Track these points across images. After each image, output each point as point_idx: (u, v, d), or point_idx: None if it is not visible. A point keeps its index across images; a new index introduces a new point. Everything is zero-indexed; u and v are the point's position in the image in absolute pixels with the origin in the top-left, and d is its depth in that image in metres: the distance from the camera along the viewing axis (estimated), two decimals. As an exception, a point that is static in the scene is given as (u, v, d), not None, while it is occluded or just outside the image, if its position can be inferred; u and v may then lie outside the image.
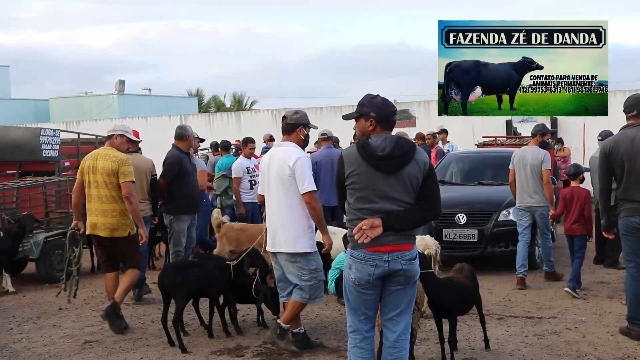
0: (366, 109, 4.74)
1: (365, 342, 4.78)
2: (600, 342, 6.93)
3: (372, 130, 4.70)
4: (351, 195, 4.67)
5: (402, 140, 4.68)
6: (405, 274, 4.65)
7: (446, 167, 12.75)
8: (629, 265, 7.10)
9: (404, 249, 4.63)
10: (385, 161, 4.56)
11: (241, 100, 50.69)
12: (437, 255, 8.15)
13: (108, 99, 42.01)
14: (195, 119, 27.79)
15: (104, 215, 7.78)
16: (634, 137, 6.92)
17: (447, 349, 6.36)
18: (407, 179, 4.59)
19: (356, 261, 4.63)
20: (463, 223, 10.49)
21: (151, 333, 7.74)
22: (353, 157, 4.66)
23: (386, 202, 4.57)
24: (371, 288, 4.66)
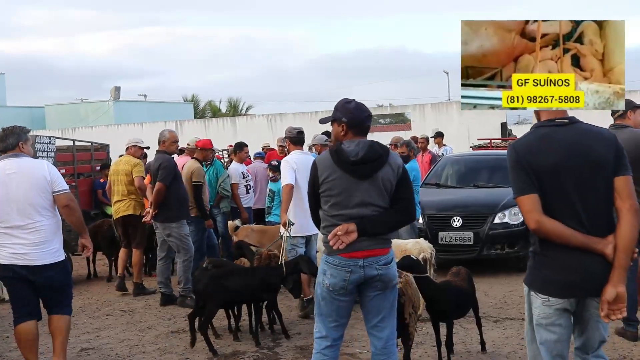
0: (339, 114, 4.70)
1: (331, 349, 4.74)
2: (597, 344, 6.92)
3: (345, 135, 4.67)
4: (326, 202, 4.64)
5: (375, 145, 4.66)
6: (382, 279, 4.62)
7: (441, 170, 12.76)
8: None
9: (379, 253, 4.60)
10: (359, 166, 4.54)
11: (237, 105, 50.82)
12: (432, 259, 8.16)
13: (104, 105, 42.06)
14: (191, 125, 27.87)
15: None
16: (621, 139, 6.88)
17: (444, 352, 6.36)
18: (381, 183, 4.56)
19: (331, 267, 4.61)
20: (459, 226, 10.50)
21: (147, 340, 7.73)
22: (327, 163, 4.63)
23: (361, 207, 4.55)
24: (345, 294, 4.63)
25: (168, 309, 9.11)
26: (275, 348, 7.17)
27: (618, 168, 3.75)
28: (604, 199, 3.74)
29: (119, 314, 9.05)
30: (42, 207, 5.84)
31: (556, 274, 3.72)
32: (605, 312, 3.63)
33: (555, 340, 3.80)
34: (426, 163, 14.17)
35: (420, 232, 10.18)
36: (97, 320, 8.77)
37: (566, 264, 3.69)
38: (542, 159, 3.77)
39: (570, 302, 3.75)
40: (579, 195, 3.71)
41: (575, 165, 3.73)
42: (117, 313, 9.09)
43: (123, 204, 10.13)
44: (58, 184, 5.94)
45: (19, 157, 5.94)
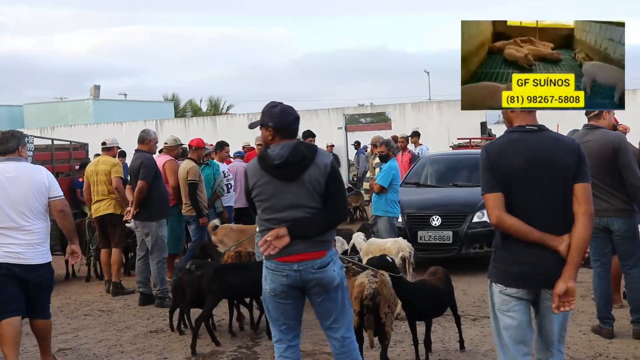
0: (266, 118, 4.70)
1: (290, 351, 4.76)
2: (573, 341, 6.98)
3: (272, 139, 4.67)
4: (258, 207, 4.66)
5: (300, 146, 4.65)
6: (319, 283, 4.60)
7: (421, 169, 12.82)
8: (595, 265, 7.18)
9: (313, 257, 4.56)
10: (283, 169, 4.54)
11: (217, 104, 50.71)
12: (410, 257, 8.19)
13: (83, 104, 41.76)
14: (171, 124, 27.76)
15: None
16: (599, 138, 6.99)
17: (422, 350, 6.40)
18: (309, 184, 4.54)
19: (269, 272, 4.63)
20: (438, 225, 10.56)
21: (126, 340, 7.70)
22: (255, 169, 4.66)
23: (292, 210, 4.54)
24: (287, 298, 4.64)
25: (147, 308, 9.08)
26: (254, 347, 7.17)
27: (578, 175, 4.07)
28: (562, 202, 4.04)
29: (97, 314, 9.01)
30: (38, 210, 6.09)
31: (513, 266, 4.06)
32: (556, 304, 3.93)
33: (516, 326, 4.09)
34: (406, 162, 14.20)
35: (399, 231, 10.21)
36: (75, 320, 8.73)
37: (522, 257, 4.03)
38: (510, 161, 4.07)
39: (526, 292, 4.07)
40: (540, 197, 4.03)
41: (539, 169, 4.05)
42: (96, 313, 9.05)
43: (104, 203, 10.12)
44: (55, 190, 6.21)
45: (18, 161, 6.17)
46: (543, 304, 4.10)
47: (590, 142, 6.92)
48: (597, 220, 6.89)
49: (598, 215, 6.85)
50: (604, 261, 7.10)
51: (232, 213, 11.83)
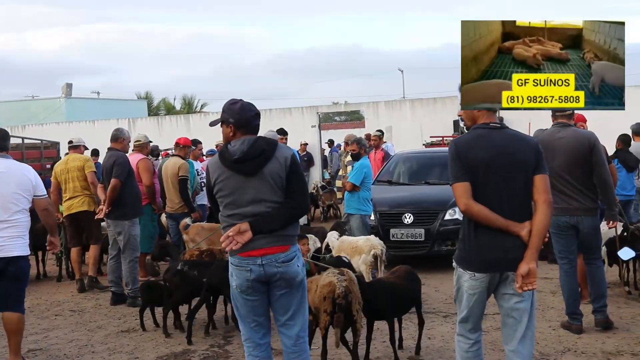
0: (226, 115, 4.74)
1: (259, 349, 4.78)
2: (542, 337, 7.06)
3: (233, 136, 4.70)
4: (221, 203, 4.69)
5: (259, 140, 4.67)
6: (283, 277, 4.63)
7: (393, 167, 12.87)
8: (561, 262, 7.29)
9: (277, 251, 4.60)
10: (242, 164, 4.58)
11: (191, 102, 50.45)
12: (382, 255, 8.23)
13: (55, 102, 41.34)
14: (144, 122, 27.59)
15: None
16: (569, 136, 7.15)
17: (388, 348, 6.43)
18: (270, 178, 4.58)
19: (234, 268, 4.66)
20: (410, 223, 10.61)
21: (97, 340, 7.65)
22: (216, 165, 4.69)
23: (254, 205, 4.58)
24: (254, 294, 4.66)
25: (118, 308, 9.03)
26: (225, 346, 7.16)
27: (537, 168, 4.49)
28: (523, 192, 4.45)
29: (69, 314, 8.94)
30: (22, 206, 6.41)
31: (480, 253, 4.45)
32: (519, 284, 4.35)
33: (479, 304, 4.58)
34: (379, 160, 14.24)
35: (372, 229, 10.25)
36: (46, 320, 8.65)
37: (490, 244, 4.41)
38: (477, 154, 4.45)
39: (492, 276, 4.47)
40: (504, 187, 4.42)
41: (503, 162, 4.43)
42: (67, 313, 8.98)
43: (77, 200, 10.12)
44: (40, 189, 6.60)
45: (8, 158, 6.53)
46: (506, 288, 4.49)
47: (564, 139, 7.06)
48: (567, 218, 7.06)
49: (569, 213, 7.03)
50: (571, 258, 7.24)
51: (205, 212, 11.80)
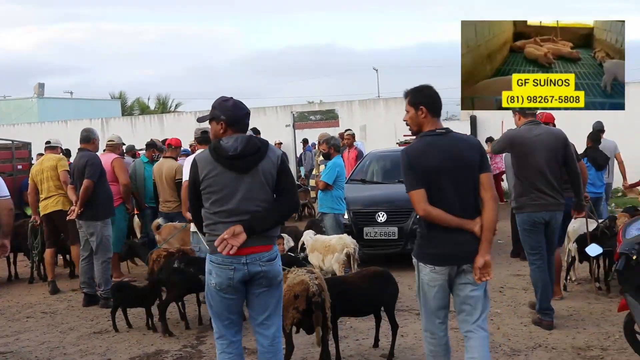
0: (217, 112, 4.74)
1: (232, 347, 4.78)
2: (514, 333, 7.13)
3: (224, 133, 4.71)
4: (207, 199, 4.65)
5: (253, 139, 4.72)
6: (266, 276, 4.67)
7: (367, 166, 12.90)
8: (533, 259, 7.37)
9: (262, 250, 4.64)
10: (238, 160, 4.59)
11: (165, 102, 50.21)
12: (355, 254, 8.26)
13: (27, 102, 40.94)
14: (118, 122, 27.40)
15: None
16: (545, 133, 7.27)
17: (361, 347, 6.45)
18: (262, 176, 4.62)
19: (215, 266, 4.64)
20: (383, 221, 10.64)
21: (69, 341, 7.60)
22: (206, 160, 4.66)
23: (243, 202, 4.59)
24: (233, 292, 4.66)
25: (91, 309, 8.97)
26: (199, 346, 7.14)
27: (482, 167, 4.79)
28: (472, 190, 4.77)
29: (40, 316, 8.87)
30: None
31: (439, 249, 4.75)
32: (478, 275, 4.69)
33: (440, 297, 4.84)
34: (352, 159, 14.25)
35: (345, 228, 10.27)
36: (17, 323, 8.57)
37: (446, 240, 4.73)
38: (428, 161, 4.72)
39: (451, 269, 4.76)
40: (454, 189, 4.71)
41: (452, 166, 4.72)
42: (38, 315, 8.90)
43: (52, 200, 10.04)
44: (3, 190, 6.50)
45: None
46: (462, 279, 4.79)
47: (542, 136, 7.20)
48: (543, 214, 7.22)
49: (545, 209, 7.20)
50: (542, 253, 7.36)
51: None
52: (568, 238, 9.00)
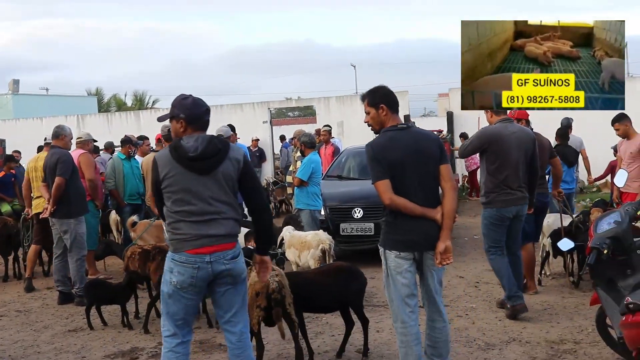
0: (176, 110, 4.71)
1: (182, 346, 4.76)
2: (489, 327, 7.18)
3: (184, 131, 4.68)
4: (168, 199, 4.64)
5: (214, 140, 4.69)
6: (231, 274, 4.67)
7: (343, 162, 12.92)
8: (496, 252, 7.57)
9: (225, 248, 4.64)
10: (198, 162, 4.57)
11: (142, 99, 49.87)
12: (331, 250, 8.27)
13: (2, 99, 40.47)
14: (94, 119, 27.16)
15: None
16: (518, 131, 7.42)
17: (337, 342, 6.46)
18: (222, 178, 4.61)
19: (178, 264, 4.61)
20: (360, 217, 10.66)
21: (43, 340, 7.54)
22: (166, 160, 4.64)
23: (203, 203, 4.58)
24: (193, 292, 4.65)
25: (65, 307, 8.92)
26: (174, 343, 7.12)
27: (441, 159, 5.13)
28: (433, 181, 5.12)
29: (14, 314, 8.79)
30: None
31: (404, 236, 5.05)
32: (439, 260, 5.03)
33: (407, 283, 5.10)
34: (329, 155, 14.24)
35: (322, 224, 10.28)
36: (-9, 321, 8.50)
37: (410, 228, 5.04)
38: (392, 154, 5.01)
39: (414, 255, 5.07)
40: (417, 180, 5.03)
41: (414, 158, 5.03)
42: (12, 314, 8.83)
43: (42, 200, 9.89)
44: None
45: None
46: (426, 263, 5.11)
47: (517, 133, 7.41)
48: (511, 209, 7.37)
49: (513, 204, 7.32)
50: (502, 246, 7.58)
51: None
52: (543, 234, 9.08)
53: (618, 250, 5.35)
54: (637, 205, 5.92)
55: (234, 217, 4.72)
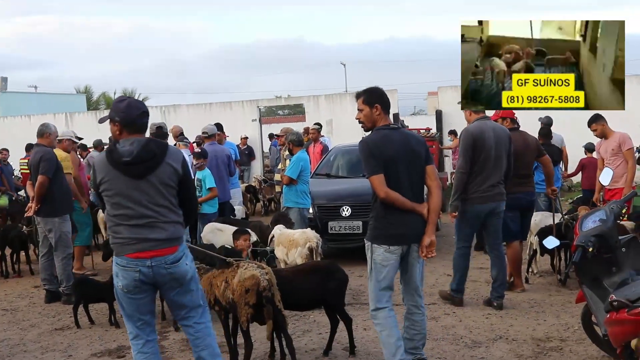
0: (113, 113, 4.72)
1: (148, 346, 4.81)
2: (476, 325, 7.20)
3: (120, 134, 4.69)
4: (107, 202, 4.66)
5: (151, 144, 4.67)
6: (174, 278, 4.69)
7: (332, 160, 12.91)
8: (465, 246, 7.89)
9: (165, 253, 4.63)
10: (132, 166, 4.56)
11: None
12: (318, 248, 8.28)
13: (-11, 97, 40.24)
14: (82, 117, 27.05)
15: None
16: (495, 127, 7.69)
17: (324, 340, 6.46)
18: (158, 182, 4.60)
19: (121, 268, 4.65)
20: (348, 215, 10.66)
21: (30, 338, 7.52)
22: (103, 164, 4.65)
23: (140, 207, 4.58)
24: (140, 293, 4.67)
25: (53, 306, 8.88)
26: (161, 341, 7.09)
27: (427, 160, 5.50)
28: (420, 179, 5.47)
29: (1, 313, 8.75)
30: None
31: (396, 230, 5.35)
32: (424, 253, 5.38)
33: (388, 277, 5.42)
34: (317, 153, 14.24)
35: (310, 222, 10.28)
36: (-23, 320, 8.46)
37: (402, 222, 5.35)
38: (386, 151, 5.31)
39: (402, 249, 5.40)
40: (407, 176, 5.37)
41: (405, 156, 5.36)
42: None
43: None
44: None
45: None
46: (411, 256, 5.45)
47: (496, 131, 7.84)
48: (489, 205, 7.62)
49: (492, 200, 7.61)
50: (471, 244, 7.97)
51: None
52: (530, 232, 9.12)
53: (603, 248, 5.38)
54: (622, 204, 5.96)
55: (175, 220, 4.71)
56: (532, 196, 8.60)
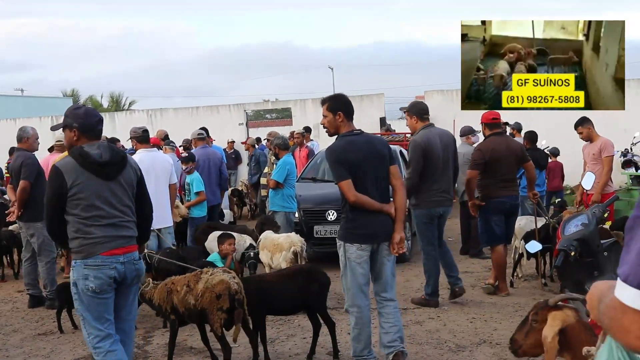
0: (69, 120, 4.87)
1: (116, 343, 4.86)
2: (460, 329, 7.21)
3: (77, 140, 4.83)
4: (77, 206, 4.72)
5: (114, 147, 4.99)
6: (138, 274, 4.96)
7: (318, 164, 12.90)
8: (429, 249, 8.05)
9: (133, 250, 4.92)
10: (107, 167, 4.76)
11: (119, 100, 49.62)
12: (302, 252, 8.27)
13: (-26, 100, 40.02)
14: (69, 121, 26.92)
15: None
16: (440, 134, 7.96)
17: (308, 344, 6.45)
18: (125, 184, 4.86)
19: (94, 269, 4.72)
20: (333, 219, 10.65)
21: (12, 344, 7.48)
22: (72, 167, 4.72)
23: (110, 207, 4.78)
24: (110, 292, 4.80)
25: (36, 311, 8.83)
26: (145, 346, 7.09)
27: (391, 160, 5.78)
28: (385, 180, 5.76)
29: (-16, 317, 8.70)
30: None
31: (366, 230, 5.64)
32: (395, 249, 5.71)
33: (364, 273, 5.70)
34: (303, 157, 14.23)
35: (296, 226, 10.27)
36: (-41, 325, 8.39)
37: (371, 222, 5.64)
38: (352, 156, 5.59)
39: (372, 246, 5.69)
40: (374, 178, 5.66)
41: (370, 160, 5.63)
42: (-18, 317, 8.74)
43: None
44: None
45: None
46: (382, 253, 5.74)
47: (443, 137, 7.97)
48: (439, 209, 7.94)
49: (441, 205, 7.92)
50: (436, 245, 8.07)
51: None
52: (515, 236, 9.14)
53: (585, 252, 5.40)
54: (604, 208, 5.99)
55: (134, 221, 4.96)
56: (516, 200, 8.63)
